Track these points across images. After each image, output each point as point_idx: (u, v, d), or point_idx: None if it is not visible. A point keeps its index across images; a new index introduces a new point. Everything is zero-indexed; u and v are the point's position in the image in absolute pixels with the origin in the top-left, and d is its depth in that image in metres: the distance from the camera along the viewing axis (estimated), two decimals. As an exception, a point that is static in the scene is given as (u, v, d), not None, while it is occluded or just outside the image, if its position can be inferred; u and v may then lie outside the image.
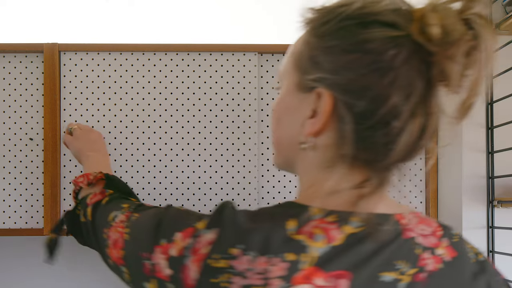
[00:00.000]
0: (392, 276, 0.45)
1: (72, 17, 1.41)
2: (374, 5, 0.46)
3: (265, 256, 0.43)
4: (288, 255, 0.43)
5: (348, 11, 0.47)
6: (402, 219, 0.51)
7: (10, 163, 1.06)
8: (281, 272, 0.42)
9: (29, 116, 1.07)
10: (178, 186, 1.07)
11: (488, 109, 0.97)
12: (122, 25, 1.40)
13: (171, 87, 1.08)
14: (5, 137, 1.07)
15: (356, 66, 0.45)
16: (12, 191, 1.06)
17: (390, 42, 0.44)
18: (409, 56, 0.44)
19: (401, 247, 0.47)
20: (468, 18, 0.43)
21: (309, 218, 0.46)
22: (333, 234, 0.45)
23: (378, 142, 0.46)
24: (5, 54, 1.07)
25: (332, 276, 0.43)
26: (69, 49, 1.07)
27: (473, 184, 0.98)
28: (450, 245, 0.51)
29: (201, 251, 0.44)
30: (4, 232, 1.06)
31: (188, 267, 0.44)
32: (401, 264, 0.46)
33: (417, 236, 0.50)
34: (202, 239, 0.45)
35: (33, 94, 1.07)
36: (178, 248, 0.46)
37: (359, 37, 0.45)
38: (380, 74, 0.44)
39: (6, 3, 1.41)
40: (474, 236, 0.98)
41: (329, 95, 0.47)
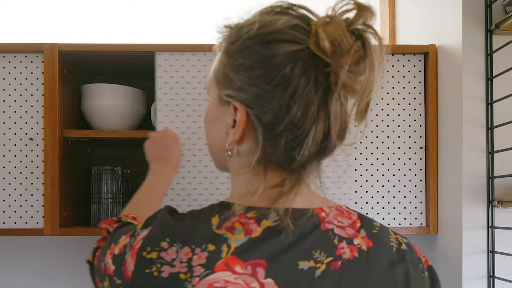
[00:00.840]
0: (309, 265, 0.50)
1: (72, 17, 1.41)
2: (272, 24, 0.51)
3: (188, 247, 0.49)
4: (209, 246, 0.49)
5: (251, 32, 0.52)
6: (321, 212, 0.55)
7: (10, 163, 1.06)
8: (202, 261, 0.49)
9: (29, 116, 1.07)
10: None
11: (488, 109, 0.97)
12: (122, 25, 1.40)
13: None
14: (5, 137, 1.07)
15: (259, 82, 0.50)
16: (12, 191, 1.06)
17: (288, 57, 0.49)
18: (305, 68, 0.49)
19: (318, 238, 0.52)
20: (356, 29, 0.49)
21: (232, 214, 0.52)
22: (252, 228, 0.51)
23: (286, 147, 0.51)
24: (5, 54, 1.07)
25: (249, 264, 0.49)
26: (69, 49, 1.07)
27: (473, 184, 0.98)
28: (367, 236, 0.55)
29: (136, 246, 0.51)
30: (4, 232, 1.06)
31: (127, 261, 0.51)
32: (318, 253, 0.51)
33: (335, 228, 0.54)
34: (138, 237, 0.52)
35: (33, 94, 1.07)
36: (119, 247, 0.54)
37: (260, 55, 0.50)
38: (281, 88, 0.49)
39: (6, 3, 1.41)
40: (474, 236, 0.98)
41: (243, 109, 0.53)
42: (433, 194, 1.09)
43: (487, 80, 0.97)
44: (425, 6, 1.20)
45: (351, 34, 0.48)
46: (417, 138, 1.11)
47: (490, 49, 0.97)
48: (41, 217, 1.06)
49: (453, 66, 1.03)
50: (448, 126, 1.05)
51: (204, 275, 0.48)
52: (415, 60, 1.11)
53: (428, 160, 1.09)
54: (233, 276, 0.48)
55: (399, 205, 1.10)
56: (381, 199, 1.10)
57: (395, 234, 0.59)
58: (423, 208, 1.10)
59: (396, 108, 1.10)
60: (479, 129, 0.98)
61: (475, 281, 0.97)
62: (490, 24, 0.97)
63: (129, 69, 1.23)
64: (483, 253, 0.97)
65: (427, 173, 1.10)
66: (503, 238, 0.96)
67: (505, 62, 0.95)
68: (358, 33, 0.48)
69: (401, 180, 1.10)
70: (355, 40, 0.48)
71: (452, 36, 1.03)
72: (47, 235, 1.06)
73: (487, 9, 0.97)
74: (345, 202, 1.09)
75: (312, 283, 0.50)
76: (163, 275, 0.49)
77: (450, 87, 1.04)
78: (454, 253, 1.01)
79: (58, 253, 1.34)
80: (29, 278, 1.33)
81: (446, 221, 1.06)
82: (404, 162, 1.10)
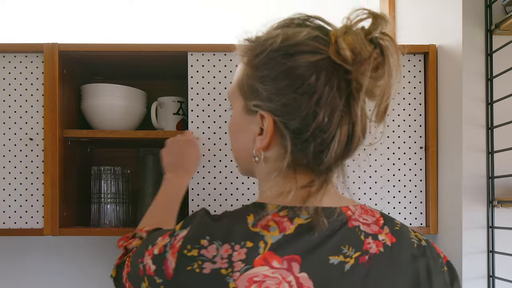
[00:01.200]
0: (339, 259, 0.54)
1: (72, 17, 1.41)
2: (295, 36, 0.54)
3: (227, 244, 0.53)
4: (248, 243, 0.53)
5: (275, 44, 0.55)
6: (348, 210, 0.59)
7: (10, 163, 1.06)
8: (242, 256, 0.52)
9: (29, 116, 1.07)
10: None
11: (488, 109, 0.97)
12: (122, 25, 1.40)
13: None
14: (5, 137, 1.07)
15: (286, 91, 0.54)
16: (12, 191, 1.06)
17: (312, 67, 0.53)
18: (328, 77, 0.53)
19: (346, 234, 0.56)
20: (374, 37, 0.52)
21: (266, 213, 0.56)
22: (285, 225, 0.54)
23: (314, 151, 0.55)
24: (5, 54, 1.07)
25: (285, 260, 0.52)
26: (69, 49, 1.07)
27: (473, 184, 0.98)
28: (390, 232, 0.59)
29: (177, 245, 0.54)
30: (4, 232, 1.06)
31: (168, 259, 0.54)
32: (347, 249, 0.55)
33: (361, 225, 0.58)
34: (178, 236, 0.55)
35: (33, 94, 1.07)
36: (159, 247, 0.56)
37: (285, 66, 0.54)
38: (307, 97, 0.53)
39: (6, 3, 1.41)
40: (474, 236, 0.97)
41: (270, 117, 0.56)
42: (433, 194, 1.09)
43: (487, 80, 0.97)
44: (425, 6, 1.20)
45: (370, 43, 0.52)
46: (417, 138, 1.11)
47: (490, 49, 0.97)
48: (41, 217, 1.06)
49: (453, 66, 1.03)
50: (448, 126, 1.05)
51: (245, 269, 0.51)
52: (415, 60, 1.11)
53: (428, 160, 1.09)
54: (271, 271, 0.51)
55: (399, 205, 1.10)
56: (381, 199, 1.10)
57: (414, 232, 0.62)
58: (423, 208, 1.10)
59: (396, 108, 1.10)
60: (479, 129, 0.98)
61: (475, 281, 0.97)
62: (490, 24, 0.97)
63: (129, 69, 1.23)
64: (483, 253, 0.97)
65: (427, 173, 1.10)
66: (503, 238, 0.96)
67: (505, 62, 0.95)
68: (376, 41, 0.52)
69: (401, 180, 1.10)
70: (373, 48, 0.52)
71: (452, 36, 1.03)
72: (47, 235, 1.06)
73: (487, 9, 0.97)
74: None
75: (342, 276, 0.53)
76: (205, 271, 0.51)
77: (450, 87, 1.04)
78: (454, 253, 1.01)
79: (58, 253, 1.34)
80: (29, 278, 1.33)
81: (446, 221, 1.06)
82: (404, 162, 1.10)
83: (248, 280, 0.51)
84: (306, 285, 0.52)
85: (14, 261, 1.33)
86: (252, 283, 0.51)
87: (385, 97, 0.54)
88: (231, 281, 0.51)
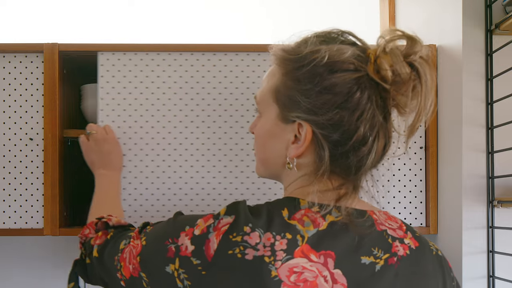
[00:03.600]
0: (370, 260, 0.56)
1: (72, 17, 1.41)
2: (339, 55, 0.57)
3: (270, 233, 0.54)
4: (287, 235, 0.54)
5: (318, 59, 0.57)
6: (373, 214, 0.62)
7: (10, 163, 1.06)
8: (284, 246, 0.53)
9: (29, 116, 1.07)
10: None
11: (488, 109, 0.97)
12: (122, 25, 1.40)
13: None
14: (5, 137, 1.07)
15: (329, 106, 0.57)
16: (12, 191, 1.06)
17: (354, 84, 0.56)
18: (369, 94, 0.56)
19: (376, 237, 0.59)
20: (412, 60, 0.56)
21: (299, 207, 0.58)
22: (319, 221, 0.57)
23: (350, 162, 0.59)
24: (5, 54, 1.07)
25: (321, 254, 0.54)
26: (69, 49, 1.07)
27: (473, 184, 0.98)
28: (413, 237, 0.62)
29: (222, 229, 0.55)
30: (4, 232, 1.06)
31: (211, 240, 0.55)
32: (377, 250, 0.57)
33: (387, 229, 0.61)
34: (223, 221, 0.56)
35: (33, 94, 1.07)
36: (201, 228, 0.56)
37: (329, 82, 0.56)
38: (350, 112, 0.56)
39: (6, 3, 1.41)
40: (474, 236, 0.97)
41: (309, 127, 0.58)
42: (433, 194, 1.09)
43: (487, 80, 0.97)
44: (425, 6, 1.20)
45: (407, 65, 0.56)
46: (417, 138, 1.11)
47: (490, 49, 0.97)
48: (41, 217, 1.06)
49: (453, 66, 1.03)
50: (448, 126, 1.05)
51: (286, 259, 0.53)
52: (415, 60, 1.11)
53: (428, 160, 1.09)
54: (309, 264, 0.53)
55: (399, 205, 1.10)
56: (381, 199, 1.09)
57: (430, 241, 0.66)
58: (423, 208, 1.10)
59: (396, 108, 1.10)
60: (479, 129, 0.98)
61: (475, 281, 0.97)
62: (490, 24, 0.97)
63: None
64: (483, 253, 0.97)
65: (427, 173, 1.10)
66: (503, 238, 0.96)
67: (505, 62, 0.95)
68: (413, 64, 0.56)
69: (401, 180, 1.10)
70: (411, 70, 0.56)
71: (452, 36, 1.03)
72: (47, 235, 1.06)
73: (487, 9, 0.97)
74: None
75: (373, 276, 0.56)
76: (247, 258, 0.53)
77: (450, 87, 1.04)
78: (454, 253, 1.01)
79: (58, 253, 1.34)
80: (29, 278, 1.33)
81: (446, 221, 1.06)
82: (404, 162, 1.10)
83: (288, 269, 0.52)
84: (340, 281, 0.54)
85: (14, 261, 1.33)
86: (292, 273, 0.52)
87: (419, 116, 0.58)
88: (274, 269, 0.52)
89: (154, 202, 1.06)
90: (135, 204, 0.96)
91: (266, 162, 0.68)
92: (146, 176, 1.07)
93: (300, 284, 0.52)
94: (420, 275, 0.59)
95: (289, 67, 0.60)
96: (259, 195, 1.07)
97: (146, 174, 1.07)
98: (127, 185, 1.06)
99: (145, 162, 1.07)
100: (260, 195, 1.07)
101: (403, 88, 0.56)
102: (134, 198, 1.06)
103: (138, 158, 1.07)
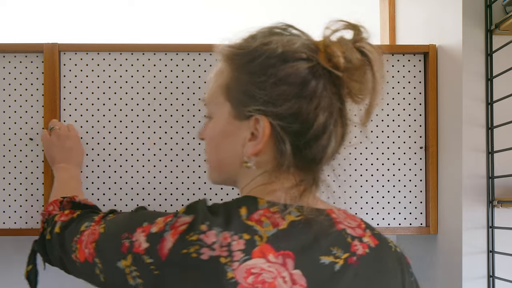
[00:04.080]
0: (330, 259, 0.56)
1: (72, 17, 1.41)
2: (290, 45, 0.57)
3: (227, 232, 0.53)
4: (244, 235, 0.53)
5: (271, 51, 0.57)
6: (332, 213, 0.61)
7: (10, 163, 1.06)
8: (241, 246, 0.52)
9: (29, 116, 1.07)
10: (177, 186, 1.07)
11: (488, 109, 0.97)
12: (122, 25, 1.40)
13: (171, 87, 1.08)
14: (5, 137, 1.07)
15: (286, 96, 0.56)
16: (12, 191, 1.06)
17: (308, 73, 0.56)
18: (325, 84, 0.57)
19: (335, 236, 0.58)
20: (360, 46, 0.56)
21: (257, 207, 0.56)
22: (278, 221, 0.55)
23: (313, 152, 0.58)
24: (5, 54, 1.07)
25: (280, 255, 0.53)
26: (69, 49, 1.07)
27: (473, 184, 0.98)
28: (373, 235, 0.62)
29: (179, 228, 0.53)
30: (4, 232, 1.06)
31: (166, 239, 0.53)
32: (336, 250, 0.57)
33: (346, 228, 0.60)
34: (181, 219, 0.54)
35: (33, 94, 1.07)
36: (159, 226, 0.55)
37: (284, 72, 0.56)
38: (307, 101, 0.56)
39: (6, 3, 1.41)
40: (474, 236, 0.97)
41: (267, 121, 0.57)
42: (433, 194, 1.09)
43: (487, 80, 0.97)
44: (425, 6, 1.20)
45: (357, 51, 0.56)
46: (417, 138, 1.11)
47: (490, 49, 0.97)
48: (41, 217, 1.06)
49: (453, 66, 1.03)
50: (448, 126, 1.05)
51: (243, 260, 0.51)
52: (415, 60, 1.11)
53: (428, 160, 1.09)
54: (267, 264, 0.52)
55: (399, 205, 1.10)
56: (381, 199, 1.10)
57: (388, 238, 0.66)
58: (423, 208, 1.10)
59: (396, 108, 1.10)
60: (479, 129, 0.98)
61: (475, 281, 0.97)
62: (490, 24, 0.97)
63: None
64: (483, 253, 0.97)
65: (427, 173, 1.10)
66: (503, 238, 0.96)
67: (505, 62, 0.95)
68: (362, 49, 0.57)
69: (401, 180, 1.10)
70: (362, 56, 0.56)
71: (452, 36, 1.03)
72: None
73: (487, 9, 0.97)
74: (345, 200, 1.09)
75: (333, 276, 0.55)
76: (203, 257, 0.51)
77: (450, 87, 1.04)
78: (454, 253, 1.01)
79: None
80: (29, 278, 1.33)
81: (446, 221, 1.06)
82: (404, 162, 1.10)
83: (246, 271, 0.51)
84: (299, 282, 0.53)
85: (14, 261, 1.33)
86: (250, 274, 0.51)
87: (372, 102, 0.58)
88: (230, 271, 0.50)
89: (116, 202, 1.06)
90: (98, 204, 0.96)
91: (221, 165, 0.65)
92: (108, 176, 1.07)
93: (258, 285, 0.51)
94: (380, 273, 0.59)
95: (240, 61, 0.59)
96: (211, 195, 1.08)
97: (108, 173, 1.07)
98: (90, 185, 1.06)
99: (108, 161, 1.07)
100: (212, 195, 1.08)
101: (356, 74, 0.56)
102: (97, 198, 1.06)
103: (101, 158, 1.07)
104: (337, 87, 0.57)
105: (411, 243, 1.25)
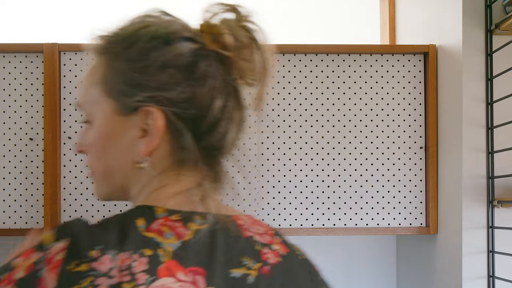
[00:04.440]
0: (241, 272, 0.50)
1: (72, 17, 1.41)
2: (171, 25, 0.53)
3: (125, 252, 0.44)
4: (145, 251, 0.45)
5: (151, 33, 0.52)
6: (238, 220, 0.56)
7: (10, 163, 1.06)
8: (144, 266, 0.44)
9: (29, 116, 1.07)
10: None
11: (488, 109, 0.97)
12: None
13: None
14: (5, 137, 1.07)
15: (175, 80, 0.50)
16: (12, 191, 1.06)
17: (196, 55, 0.51)
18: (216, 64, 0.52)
19: (243, 245, 0.52)
20: (244, 25, 0.53)
21: (155, 216, 0.49)
22: (181, 231, 0.48)
23: (211, 142, 0.52)
24: (5, 54, 1.07)
25: (190, 272, 0.46)
26: (69, 49, 1.07)
27: (473, 184, 0.98)
28: (282, 242, 0.57)
29: (55, 258, 0.43)
30: (4, 232, 1.06)
31: (45, 279, 0.43)
32: (247, 260, 0.51)
33: (254, 235, 0.55)
34: (53, 249, 0.44)
35: (33, 94, 1.07)
36: (25, 267, 0.44)
37: (169, 55, 0.51)
38: (200, 84, 0.51)
39: (6, 3, 1.41)
40: (474, 236, 0.98)
41: (159, 111, 0.50)
42: (433, 194, 1.09)
43: (487, 80, 0.97)
44: (425, 6, 1.20)
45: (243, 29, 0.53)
46: (417, 138, 1.11)
47: (490, 49, 0.97)
48: (41, 217, 1.06)
49: (453, 66, 1.03)
50: (448, 126, 1.05)
51: (150, 281, 0.44)
52: (415, 60, 1.11)
53: (428, 160, 1.09)
54: (178, 284, 0.45)
55: (399, 205, 1.10)
56: (381, 199, 1.10)
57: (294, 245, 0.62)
58: (423, 208, 1.10)
59: (396, 108, 1.11)
60: (479, 129, 0.98)
61: (475, 281, 0.97)
62: (490, 24, 0.97)
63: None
64: (483, 253, 0.97)
65: (427, 173, 1.10)
66: (503, 238, 0.96)
67: (505, 62, 0.95)
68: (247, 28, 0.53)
69: (401, 180, 1.10)
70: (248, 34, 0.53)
71: (452, 36, 1.03)
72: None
73: (487, 9, 0.97)
74: (345, 200, 1.09)
75: None
76: None
77: (450, 87, 1.04)
78: (454, 253, 1.01)
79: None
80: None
81: (446, 221, 1.06)
82: (404, 162, 1.10)
83: None
84: None
85: (14, 261, 1.33)
86: None
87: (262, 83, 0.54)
88: None
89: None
90: (98, 204, 0.95)
91: (108, 173, 0.56)
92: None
93: None
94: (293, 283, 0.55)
95: (116, 49, 0.53)
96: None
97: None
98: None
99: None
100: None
101: (244, 52, 0.52)
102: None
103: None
104: (227, 68, 0.53)
105: (411, 243, 1.25)
